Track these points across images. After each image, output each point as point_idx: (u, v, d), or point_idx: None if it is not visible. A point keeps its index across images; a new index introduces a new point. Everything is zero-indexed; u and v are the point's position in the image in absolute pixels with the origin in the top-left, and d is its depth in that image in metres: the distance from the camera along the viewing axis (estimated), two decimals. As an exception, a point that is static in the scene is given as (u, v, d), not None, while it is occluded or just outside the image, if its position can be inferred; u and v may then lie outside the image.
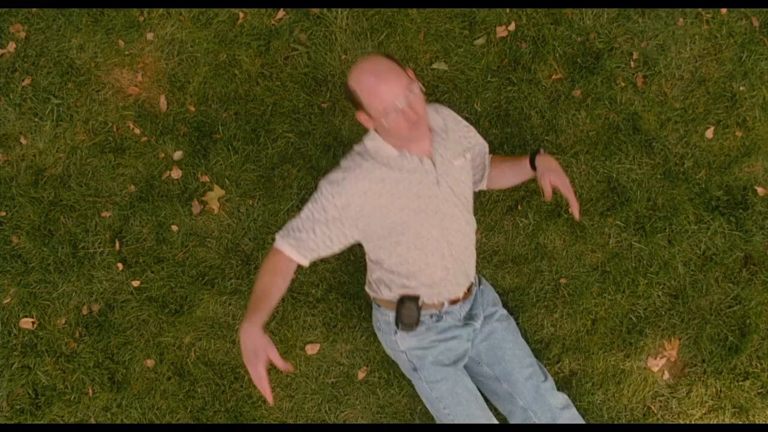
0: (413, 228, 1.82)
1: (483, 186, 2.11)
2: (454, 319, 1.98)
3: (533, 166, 1.95)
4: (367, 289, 2.05)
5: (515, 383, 1.96)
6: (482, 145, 2.03)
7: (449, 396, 1.91)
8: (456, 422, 1.90)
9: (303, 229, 1.77)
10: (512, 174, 2.06)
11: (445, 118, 1.91)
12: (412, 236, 1.83)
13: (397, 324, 1.92)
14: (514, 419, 1.98)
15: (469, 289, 2.01)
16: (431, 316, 1.95)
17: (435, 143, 1.82)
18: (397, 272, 1.90)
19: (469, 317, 2.01)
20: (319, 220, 1.76)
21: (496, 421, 1.94)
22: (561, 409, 1.95)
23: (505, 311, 2.10)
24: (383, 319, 2.00)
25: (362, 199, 1.76)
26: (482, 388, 2.05)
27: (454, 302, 1.97)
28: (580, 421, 1.99)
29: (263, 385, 1.56)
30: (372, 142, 1.81)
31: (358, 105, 1.74)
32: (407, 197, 1.79)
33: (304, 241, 1.77)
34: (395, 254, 1.86)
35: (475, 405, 1.91)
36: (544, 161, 1.93)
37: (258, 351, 1.57)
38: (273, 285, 1.74)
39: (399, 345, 1.98)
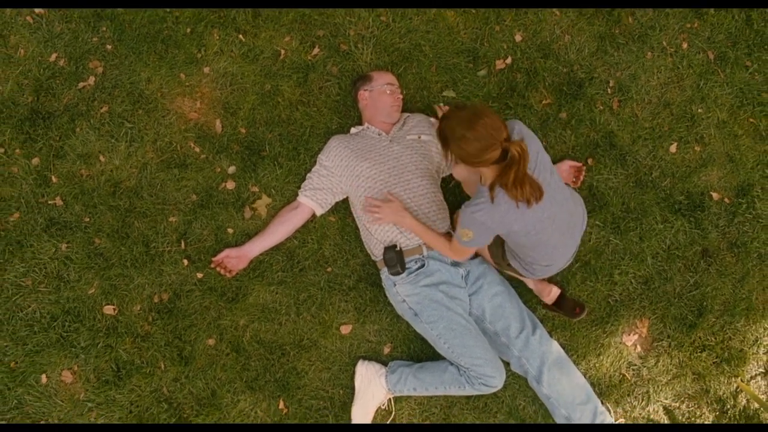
0: (375, 173, 2.40)
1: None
2: (440, 265, 2.37)
3: None
4: (374, 259, 2.49)
5: (510, 336, 2.37)
6: None
7: (447, 332, 2.29)
8: (455, 353, 2.27)
9: (313, 182, 2.51)
10: None
11: (415, 117, 2.59)
12: (373, 181, 2.40)
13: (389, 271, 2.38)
14: (513, 365, 2.42)
15: (446, 237, 2.36)
16: (415, 262, 2.37)
17: (395, 126, 2.53)
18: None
19: (456, 263, 2.41)
20: (321, 173, 2.51)
21: (489, 348, 2.28)
22: (549, 353, 2.36)
23: (506, 281, 2.48)
24: (384, 277, 2.44)
25: (338, 152, 2.48)
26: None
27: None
28: (564, 361, 2.38)
29: (216, 263, 2.51)
30: (353, 129, 2.58)
31: (365, 83, 2.53)
32: (366, 150, 2.46)
33: (317, 190, 2.50)
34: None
35: (468, 336, 2.27)
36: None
37: (230, 261, 2.49)
38: (283, 233, 2.53)
39: (400, 295, 2.38)
